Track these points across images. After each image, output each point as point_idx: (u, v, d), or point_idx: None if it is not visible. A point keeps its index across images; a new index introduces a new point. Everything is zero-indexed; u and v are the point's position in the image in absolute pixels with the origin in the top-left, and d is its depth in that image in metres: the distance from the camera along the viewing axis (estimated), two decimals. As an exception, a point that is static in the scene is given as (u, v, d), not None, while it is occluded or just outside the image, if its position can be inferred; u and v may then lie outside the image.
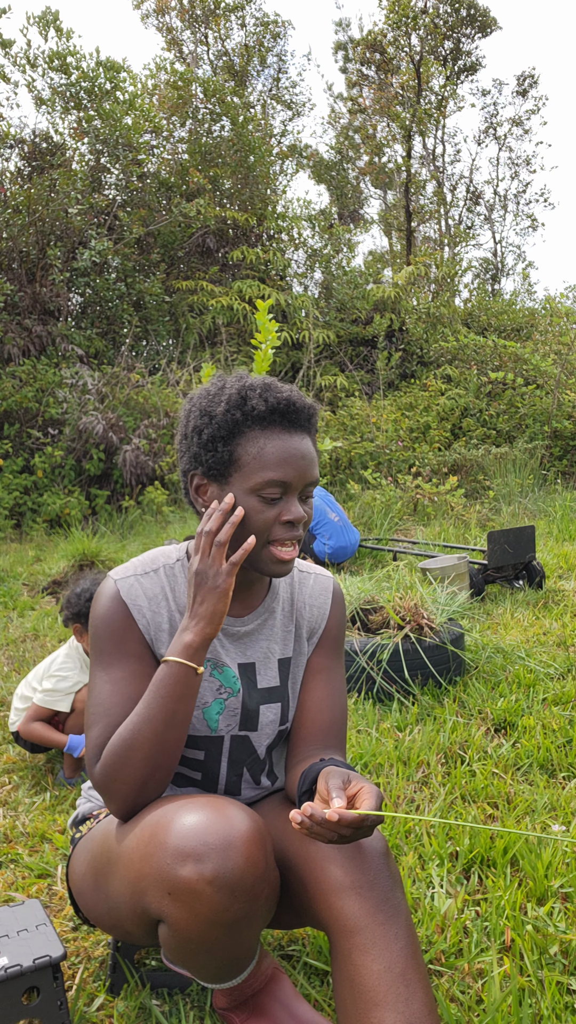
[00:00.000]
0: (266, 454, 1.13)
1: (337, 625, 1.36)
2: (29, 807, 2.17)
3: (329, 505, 5.18)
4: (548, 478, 9.25)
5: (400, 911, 1.03)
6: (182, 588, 1.23)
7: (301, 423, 1.17)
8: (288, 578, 1.34)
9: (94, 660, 1.18)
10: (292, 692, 1.31)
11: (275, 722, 1.28)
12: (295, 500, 1.15)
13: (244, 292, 11.99)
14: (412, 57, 17.44)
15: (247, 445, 1.14)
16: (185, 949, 1.01)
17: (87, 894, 1.21)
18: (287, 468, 1.13)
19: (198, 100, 13.60)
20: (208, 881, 0.94)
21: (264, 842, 1.01)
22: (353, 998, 0.98)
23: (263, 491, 1.13)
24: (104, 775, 1.09)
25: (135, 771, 1.07)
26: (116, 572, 1.21)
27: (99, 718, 1.13)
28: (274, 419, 1.15)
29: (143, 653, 1.18)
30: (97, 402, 9.01)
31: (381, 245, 24.83)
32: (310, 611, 1.33)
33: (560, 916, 1.53)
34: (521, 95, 19.43)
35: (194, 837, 0.96)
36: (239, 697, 1.24)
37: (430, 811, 1.97)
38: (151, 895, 0.99)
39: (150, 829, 1.02)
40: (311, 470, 1.16)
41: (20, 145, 11.77)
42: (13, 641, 4.04)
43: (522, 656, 3.20)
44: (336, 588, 1.37)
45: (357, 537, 5.31)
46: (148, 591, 1.20)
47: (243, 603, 1.27)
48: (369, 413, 10.39)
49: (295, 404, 1.16)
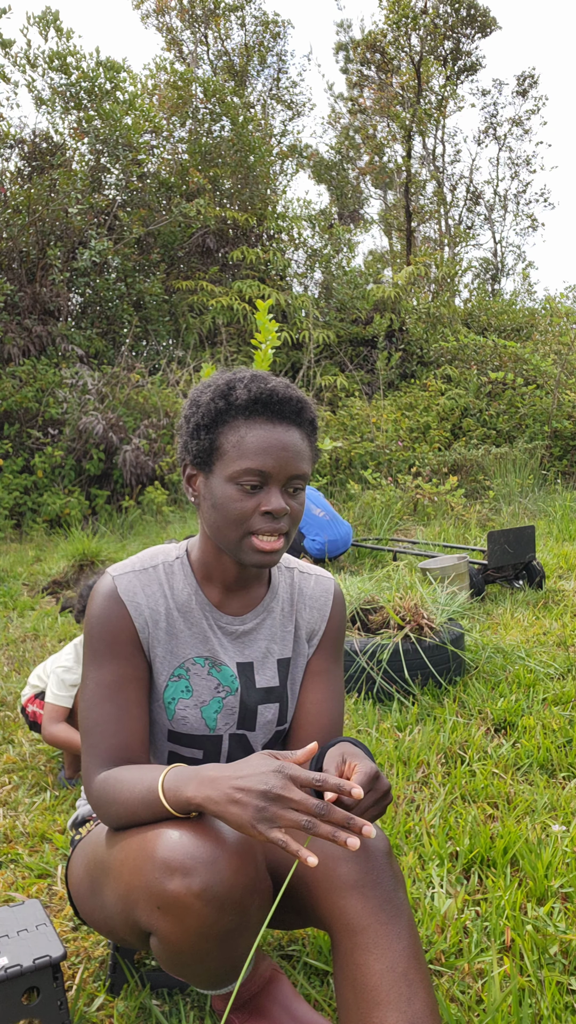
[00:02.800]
0: (246, 443, 1.12)
1: (337, 627, 1.35)
2: (29, 807, 2.17)
3: (314, 501, 5.20)
4: (548, 478, 9.25)
5: (403, 911, 1.03)
6: (180, 585, 1.23)
7: (287, 415, 1.15)
8: (288, 578, 1.34)
9: (86, 656, 1.18)
10: (291, 693, 1.30)
11: (272, 722, 1.28)
12: (276, 491, 1.13)
13: (244, 292, 11.99)
14: (412, 57, 17.44)
15: (229, 434, 1.14)
16: (176, 960, 1.01)
17: (84, 899, 1.21)
18: (266, 457, 1.11)
19: (198, 100, 13.60)
20: (196, 895, 0.93)
21: (253, 853, 1.00)
22: (355, 998, 0.98)
23: (241, 479, 1.12)
24: (95, 805, 1.11)
25: (123, 817, 1.08)
26: (114, 569, 1.21)
27: (89, 731, 1.14)
28: (257, 409, 1.13)
29: (134, 654, 1.18)
30: (97, 402, 9.00)
31: (381, 245, 24.85)
32: (310, 612, 1.33)
33: (560, 916, 1.53)
34: (521, 95, 19.43)
35: (181, 850, 0.96)
36: (237, 696, 1.24)
37: (430, 811, 1.97)
38: (141, 908, 0.99)
39: (139, 841, 1.02)
40: (294, 462, 1.13)
41: (20, 145, 11.77)
42: (13, 641, 4.04)
43: (522, 656, 3.19)
44: (337, 590, 1.37)
45: (348, 529, 5.32)
46: (146, 587, 1.20)
47: (242, 601, 1.27)
48: (369, 413, 10.39)
49: (279, 394, 1.14)
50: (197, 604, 1.23)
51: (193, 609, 1.23)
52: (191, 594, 1.23)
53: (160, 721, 1.22)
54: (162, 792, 1.00)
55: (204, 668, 1.22)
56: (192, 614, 1.23)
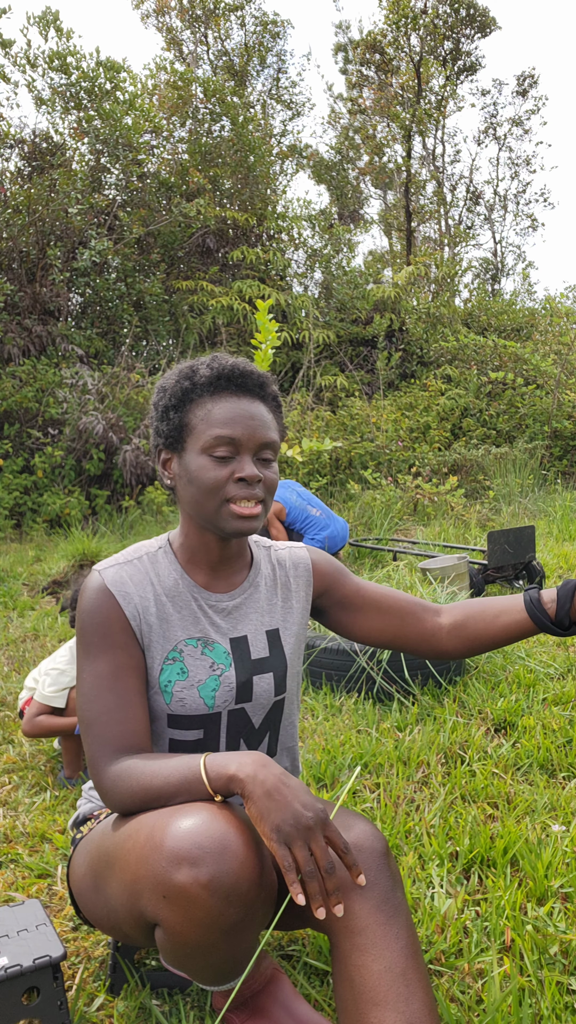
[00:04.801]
0: (214, 414, 1.17)
1: (329, 571, 1.40)
2: (29, 807, 2.17)
3: (308, 501, 5.24)
4: (548, 478, 9.25)
5: (400, 911, 1.03)
6: (166, 571, 1.26)
7: (251, 388, 1.21)
8: (267, 555, 1.39)
9: (80, 652, 1.19)
10: (283, 661, 1.33)
11: (269, 692, 1.30)
12: (248, 459, 1.17)
13: (244, 292, 11.99)
14: (412, 57, 17.44)
15: (196, 410, 1.20)
16: (181, 953, 1.01)
17: (86, 895, 1.21)
18: (235, 425, 1.16)
19: (198, 100, 13.60)
20: (203, 886, 0.94)
21: (260, 848, 1.01)
22: (353, 998, 0.98)
23: (213, 450, 1.16)
24: (108, 792, 1.11)
25: (138, 798, 1.09)
26: (100, 565, 1.24)
27: (92, 722, 1.15)
28: (221, 384, 1.19)
29: (128, 643, 1.19)
30: (97, 402, 9.00)
31: (381, 245, 24.85)
32: (295, 577, 1.38)
33: (560, 916, 1.53)
34: (521, 95, 19.44)
35: (189, 840, 0.96)
36: (232, 671, 1.26)
37: (430, 811, 1.97)
38: (147, 898, 0.99)
39: (147, 831, 1.02)
40: (262, 430, 1.18)
41: (20, 145, 11.77)
42: (13, 641, 4.04)
43: (522, 656, 3.20)
44: (312, 551, 1.42)
45: (344, 524, 5.37)
46: (133, 577, 1.22)
47: (227, 581, 1.31)
48: (369, 413, 10.39)
49: (240, 368, 1.20)
50: (185, 587, 1.26)
51: (181, 592, 1.25)
52: (177, 578, 1.26)
53: (159, 708, 1.23)
54: (204, 767, 1.03)
55: (197, 649, 1.24)
56: (180, 597, 1.25)
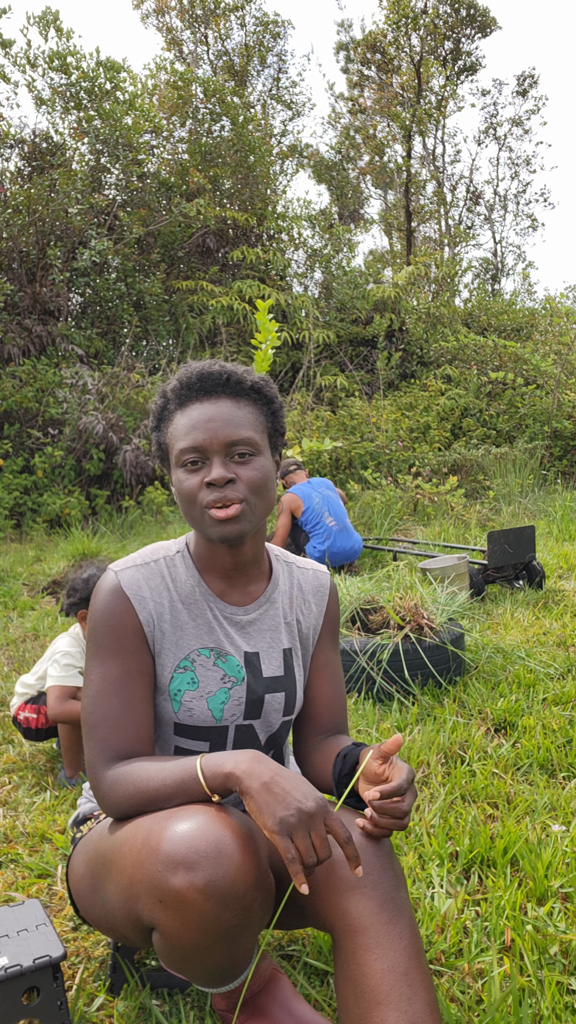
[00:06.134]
0: (179, 428, 1.18)
1: (335, 617, 1.41)
2: (29, 807, 2.17)
3: (329, 508, 5.15)
4: (548, 478, 9.26)
5: (404, 910, 1.03)
6: (183, 577, 1.24)
7: (216, 388, 1.19)
8: (287, 572, 1.36)
9: (90, 652, 1.19)
10: (294, 682, 1.32)
11: (279, 711, 1.29)
12: (217, 462, 1.15)
13: (244, 292, 11.99)
14: (412, 57, 17.44)
15: (168, 427, 1.22)
16: (178, 956, 1.01)
17: (85, 896, 1.21)
18: (196, 433, 1.16)
19: (198, 100, 13.60)
20: (199, 890, 0.93)
21: (257, 849, 1.00)
22: (356, 997, 0.98)
23: (182, 461, 1.17)
24: (105, 796, 1.11)
25: (135, 802, 1.09)
26: (116, 564, 1.23)
27: (95, 726, 1.14)
28: (188, 395, 1.20)
29: (139, 649, 1.18)
30: (97, 402, 9.00)
31: (381, 245, 24.86)
32: (308, 607, 1.36)
33: (560, 916, 1.53)
34: (521, 95, 19.45)
35: (185, 844, 0.95)
36: (244, 686, 1.24)
37: (430, 811, 1.97)
38: (143, 902, 0.99)
39: (143, 835, 1.02)
40: (226, 429, 1.15)
41: (20, 145, 11.77)
42: (13, 641, 4.04)
43: (522, 656, 3.19)
44: (332, 583, 1.42)
45: (357, 543, 5.22)
46: (150, 580, 1.21)
47: (244, 592, 1.29)
48: (369, 413, 10.39)
49: (204, 372, 1.19)
50: (201, 595, 1.24)
51: (197, 600, 1.24)
52: (194, 585, 1.24)
53: (166, 714, 1.22)
54: (200, 767, 1.03)
55: (210, 659, 1.22)
56: (196, 605, 1.24)
